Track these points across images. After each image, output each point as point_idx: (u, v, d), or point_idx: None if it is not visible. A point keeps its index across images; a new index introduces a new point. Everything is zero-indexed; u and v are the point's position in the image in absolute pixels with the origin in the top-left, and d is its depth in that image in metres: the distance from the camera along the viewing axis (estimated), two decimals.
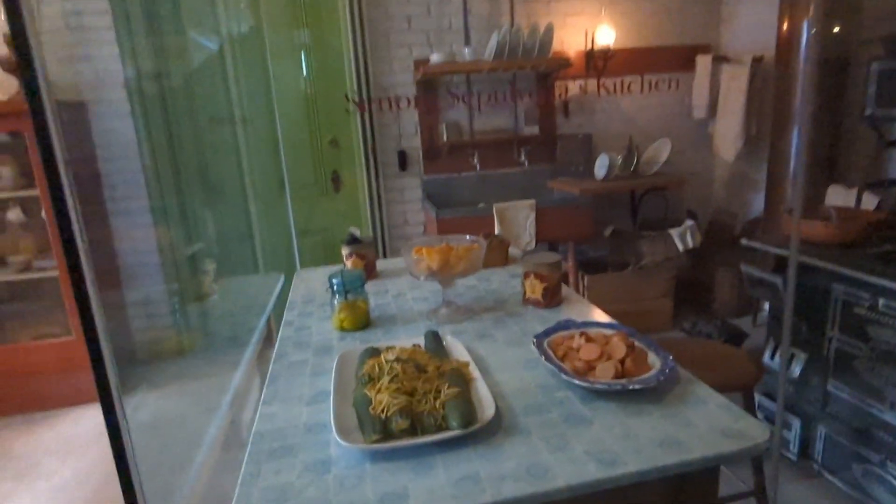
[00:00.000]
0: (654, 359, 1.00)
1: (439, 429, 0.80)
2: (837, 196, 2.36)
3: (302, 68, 3.08)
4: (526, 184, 3.31)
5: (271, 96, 3.07)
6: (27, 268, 2.78)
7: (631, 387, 0.89)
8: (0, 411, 2.79)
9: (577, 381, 0.91)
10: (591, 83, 3.36)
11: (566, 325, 1.19)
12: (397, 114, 3.15)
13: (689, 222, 3.04)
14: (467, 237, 1.43)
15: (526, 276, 1.41)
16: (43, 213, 2.74)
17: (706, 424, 0.81)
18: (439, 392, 0.86)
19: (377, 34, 3.04)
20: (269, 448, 0.83)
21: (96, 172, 2.94)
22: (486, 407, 0.84)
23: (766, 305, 2.51)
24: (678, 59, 3.41)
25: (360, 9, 2.92)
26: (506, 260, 1.81)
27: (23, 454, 2.46)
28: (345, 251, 1.70)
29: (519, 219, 2.83)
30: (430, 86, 3.14)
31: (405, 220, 3.31)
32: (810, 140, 2.48)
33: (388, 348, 1.03)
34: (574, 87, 3.35)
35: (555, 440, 0.79)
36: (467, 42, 3.12)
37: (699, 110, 3.34)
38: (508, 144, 3.27)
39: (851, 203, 2.25)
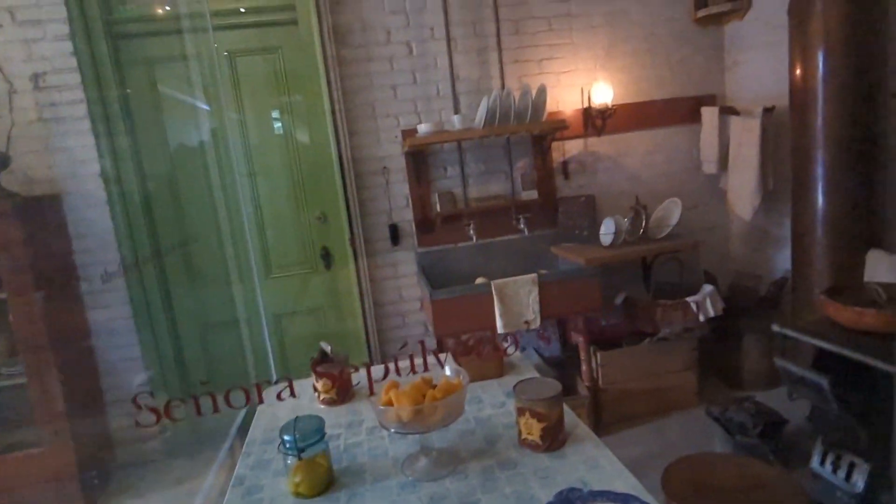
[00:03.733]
0: None
1: None
2: (879, 263, 2.09)
3: (287, 145, 2.94)
4: (527, 251, 3.09)
5: (255, 176, 2.92)
6: None
7: None
8: None
9: None
10: (592, 142, 3.18)
11: (568, 498, 0.93)
12: (386, 186, 2.98)
13: (707, 288, 2.77)
14: (447, 371, 1.20)
15: (520, 412, 1.17)
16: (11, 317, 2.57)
17: None
18: None
19: (362, 105, 2.90)
20: None
21: (72, 265, 2.78)
22: None
23: None
24: (682, 111, 3.23)
25: (339, 81, 2.79)
26: (501, 370, 1.56)
27: None
28: (314, 372, 1.47)
29: (520, 295, 2.59)
30: (419, 156, 2.98)
31: (400, 297, 3.08)
32: (841, 199, 2.24)
33: None
34: (573, 147, 3.17)
35: None
36: (456, 109, 2.97)
37: (709, 165, 3.12)
38: (506, 211, 3.07)
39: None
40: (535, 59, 3.08)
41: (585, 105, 3.12)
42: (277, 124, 2.92)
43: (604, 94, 3.03)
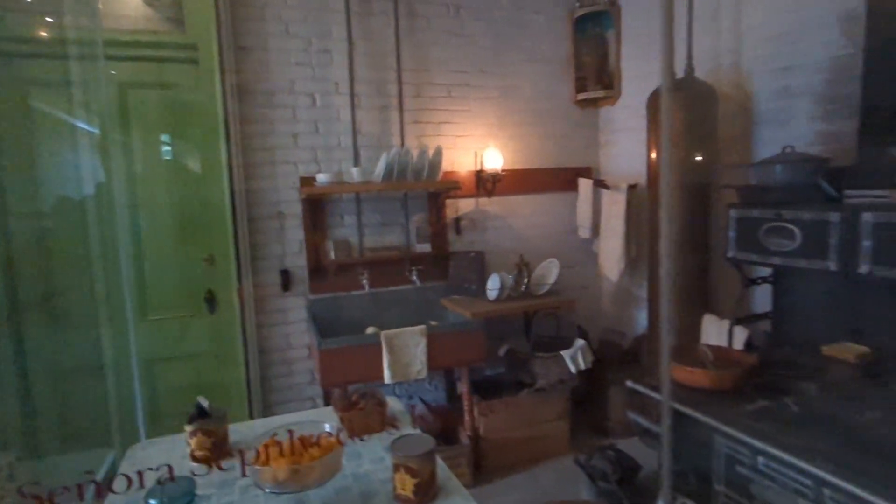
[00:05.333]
0: None
1: None
2: (711, 326, 2.45)
3: (177, 180, 2.83)
4: (419, 302, 3.19)
5: (137, 208, 2.77)
6: None
7: None
8: None
9: None
10: (483, 201, 3.42)
11: None
12: (281, 231, 2.96)
13: (579, 342, 3.04)
14: (326, 427, 1.23)
15: (396, 468, 1.23)
16: None
17: None
18: None
19: (261, 150, 2.90)
20: None
21: None
22: None
23: None
24: (563, 180, 3.58)
25: (238, 125, 2.78)
26: (383, 425, 1.61)
27: None
28: (188, 428, 1.42)
29: (409, 346, 2.67)
30: (316, 203, 3.02)
31: (288, 344, 3.03)
32: (685, 269, 2.60)
33: None
34: (465, 205, 3.38)
35: None
36: (356, 161, 3.07)
37: (584, 230, 3.48)
38: (400, 262, 3.17)
39: (724, 334, 2.34)
40: (434, 121, 3.29)
41: (478, 168, 3.36)
42: (168, 156, 2.82)
43: (495, 159, 3.29)
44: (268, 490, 1.10)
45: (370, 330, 2.89)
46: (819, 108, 2.36)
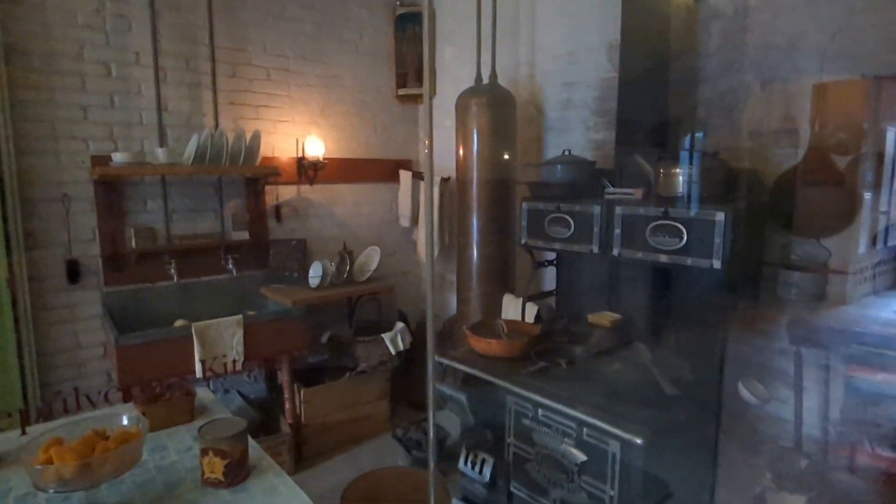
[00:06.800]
0: None
1: None
2: (510, 303, 2.80)
3: None
4: (236, 292, 3.07)
5: None
6: None
7: None
8: None
9: None
10: (305, 189, 3.40)
11: None
12: (66, 216, 2.60)
13: (399, 325, 3.22)
14: (124, 419, 1.18)
15: (204, 453, 1.22)
16: None
17: None
18: None
19: (38, 122, 2.51)
20: None
21: None
22: None
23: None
24: (385, 171, 3.73)
25: (5, 91, 2.38)
26: (192, 415, 1.57)
27: None
28: None
29: (224, 338, 2.57)
30: (112, 186, 2.71)
31: (77, 344, 2.68)
32: (489, 255, 2.92)
33: None
34: (287, 192, 3.33)
35: None
36: (162, 141, 2.82)
37: (404, 219, 3.67)
38: (214, 250, 3.01)
39: (520, 310, 2.69)
40: (252, 104, 3.17)
41: (300, 155, 3.33)
42: None
43: (317, 147, 3.29)
44: (52, 491, 1.02)
45: (179, 323, 2.70)
46: (592, 119, 2.83)
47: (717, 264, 1.78)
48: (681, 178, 1.97)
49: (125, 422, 1.19)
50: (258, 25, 3.14)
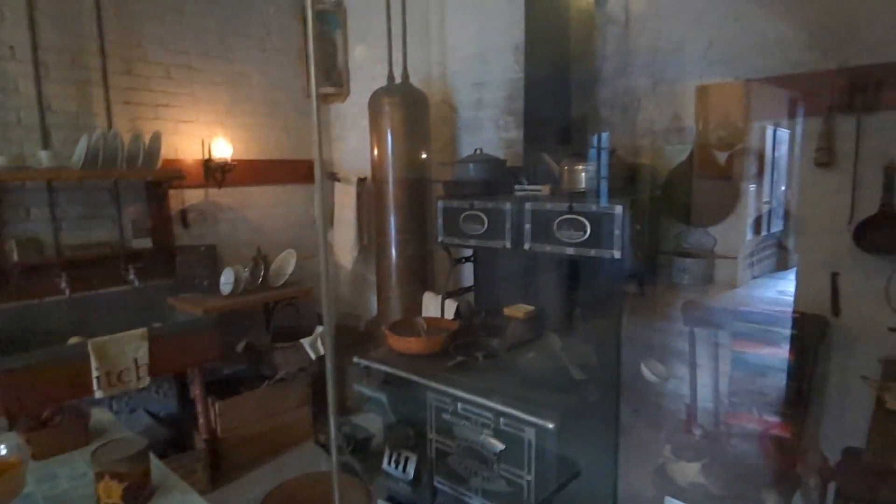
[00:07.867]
0: None
1: None
2: (430, 301, 2.83)
3: None
4: (140, 304, 2.87)
5: None
6: None
7: None
8: None
9: None
10: (213, 192, 3.24)
11: None
12: None
13: (319, 329, 3.15)
14: (2, 449, 1.07)
15: (99, 477, 1.14)
16: None
17: None
18: None
19: None
20: None
21: None
22: None
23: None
24: (299, 172, 3.63)
25: None
26: (86, 439, 1.46)
27: None
28: None
29: (126, 353, 2.40)
30: None
31: None
32: (408, 254, 2.93)
33: None
34: (193, 196, 3.16)
35: None
36: (46, 144, 2.59)
37: (320, 221, 3.59)
38: (113, 261, 2.80)
39: (440, 307, 2.72)
40: (150, 103, 2.98)
41: (206, 157, 3.17)
42: None
43: (224, 148, 3.15)
44: None
45: (73, 340, 2.49)
46: (502, 118, 2.91)
47: (617, 254, 1.90)
48: (583, 174, 2.08)
49: (3, 451, 1.09)
50: (154, 18, 2.96)
